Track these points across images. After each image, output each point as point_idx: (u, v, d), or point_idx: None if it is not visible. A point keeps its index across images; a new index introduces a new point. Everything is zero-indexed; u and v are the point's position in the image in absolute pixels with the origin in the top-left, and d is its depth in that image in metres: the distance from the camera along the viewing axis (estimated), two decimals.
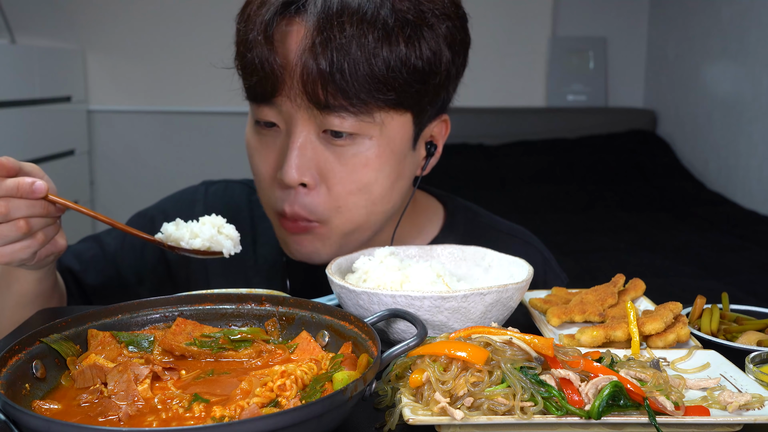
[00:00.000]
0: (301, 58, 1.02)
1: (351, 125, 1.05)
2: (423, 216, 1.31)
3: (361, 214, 1.12)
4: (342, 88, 1.01)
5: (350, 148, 1.07)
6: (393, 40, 1.02)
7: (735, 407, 0.75)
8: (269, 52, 1.03)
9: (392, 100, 1.05)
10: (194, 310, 0.89)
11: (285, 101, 1.06)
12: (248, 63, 1.06)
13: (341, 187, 1.09)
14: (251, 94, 1.09)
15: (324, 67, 1.00)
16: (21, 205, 0.93)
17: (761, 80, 3.54)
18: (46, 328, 0.79)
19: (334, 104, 1.03)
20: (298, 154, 1.06)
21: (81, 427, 0.64)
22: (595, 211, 3.72)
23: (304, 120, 1.06)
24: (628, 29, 4.65)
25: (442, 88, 1.11)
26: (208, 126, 4.35)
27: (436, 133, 1.18)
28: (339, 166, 1.08)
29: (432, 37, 1.06)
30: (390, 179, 1.11)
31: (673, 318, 0.97)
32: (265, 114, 1.09)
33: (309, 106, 1.04)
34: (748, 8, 3.65)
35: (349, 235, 1.14)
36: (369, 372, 0.70)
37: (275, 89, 1.05)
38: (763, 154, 3.53)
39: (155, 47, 4.26)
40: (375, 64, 1.01)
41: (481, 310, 0.92)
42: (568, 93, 4.60)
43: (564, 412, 0.72)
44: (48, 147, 3.78)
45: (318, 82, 1.01)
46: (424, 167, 1.19)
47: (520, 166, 4.11)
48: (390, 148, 1.09)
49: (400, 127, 1.09)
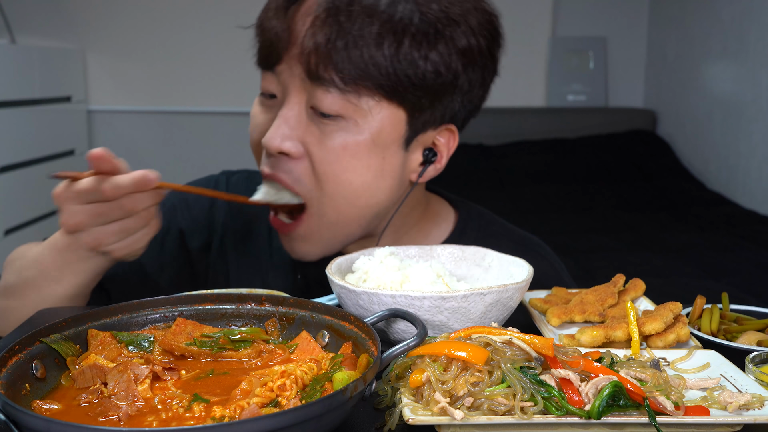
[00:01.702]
0: (307, 31, 1.06)
1: (336, 103, 1.07)
2: (431, 221, 1.30)
3: (343, 204, 1.13)
4: (334, 62, 1.05)
5: (333, 127, 1.09)
6: (398, 34, 1.04)
7: (735, 407, 0.75)
8: (282, 19, 1.09)
9: (382, 87, 1.06)
10: (194, 310, 0.89)
11: (284, 69, 1.10)
12: (262, 28, 1.12)
13: (321, 167, 1.10)
14: (259, 57, 1.14)
15: (321, 40, 1.05)
16: (144, 198, 1.01)
17: (761, 80, 3.54)
18: (46, 328, 0.79)
19: (324, 77, 1.06)
20: (282, 122, 1.10)
21: (81, 427, 0.64)
22: (595, 211, 3.72)
23: (297, 90, 1.10)
24: (628, 29, 4.66)
25: (446, 95, 1.11)
26: (208, 126, 4.35)
27: (439, 142, 1.18)
28: (320, 144, 1.10)
29: (446, 46, 1.08)
30: (370, 171, 1.11)
31: (673, 318, 0.97)
32: (268, 82, 1.14)
33: (303, 76, 1.08)
34: (748, 8, 3.66)
35: (334, 226, 1.15)
36: (369, 372, 0.70)
37: (279, 55, 1.10)
38: (763, 154, 3.53)
39: (155, 47, 4.26)
40: (372, 50, 1.04)
41: (481, 310, 0.92)
42: (568, 93, 4.60)
43: (564, 412, 0.72)
44: (48, 147, 3.78)
45: (313, 53, 1.05)
46: (421, 174, 1.18)
47: (520, 166, 4.12)
48: (372, 138, 1.10)
49: (388, 121, 1.10)
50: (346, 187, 1.11)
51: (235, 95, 4.27)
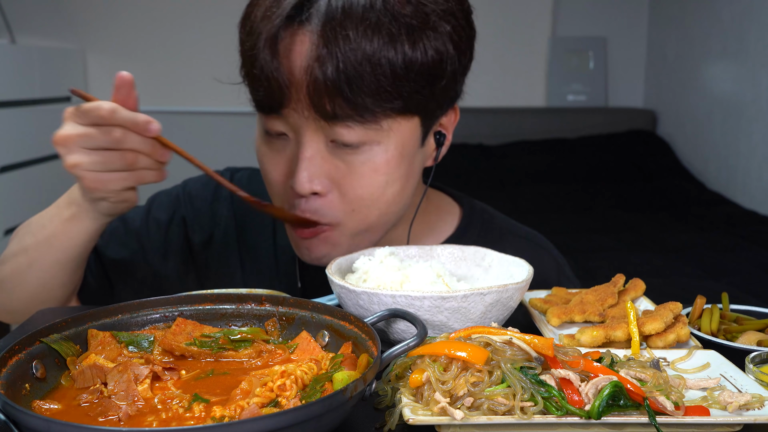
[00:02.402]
0: (307, 70, 1.02)
1: (358, 135, 1.05)
2: (435, 215, 1.31)
3: (374, 216, 1.13)
4: (348, 99, 1.02)
5: (359, 156, 1.08)
6: (398, 45, 1.02)
7: (735, 407, 0.75)
8: (275, 65, 1.03)
9: (399, 108, 1.05)
10: (194, 310, 0.89)
11: (292, 113, 1.06)
12: (254, 76, 1.07)
13: (353, 192, 1.09)
14: (259, 105, 1.10)
15: (330, 78, 1.00)
16: (135, 139, 0.97)
17: (761, 80, 3.54)
18: (46, 328, 0.79)
19: (341, 114, 1.03)
20: (308, 165, 1.07)
21: (81, 427, 0.64)
22: (595, 211, 3.72)
23: (312, 131, 1.07)
24: (628, 29, 4.66)
25: (450, 89, 1.12)
26: (208, 126, 4.35)
27: (444, 122, 1.19)
28: (349, 174, 1.09)
29: (436, 38, 1.05)
30: (401, 182, 1.12)
31: (673, 318, 0.97)
32: (274, 125, 1.10)
33: (316, 117, 1.04)
34: (748, 8, 3.65)
35: (360, 235, 1.14)
36: (369, 372, 0.70)
37: (282, 102, 1.06)
38: (763, 154, 3.53)
39: (155, 47, 4.26)
40: (381, 73, 1.01)
41: (481, 310, 0.92)
42: (568, 93, 4.60)
43: (564, 412, 0.72)
44: (48, 147, 3.75)
45: (324, 94, 1.02)
46: (436, 157, 1.20)
47: (520, 166, 4.11)
48: (399, 152, 1.10)
49: (408, 131, 1.10)
50: (380, 202, 1.11)
51: (235, 95, 4.25)
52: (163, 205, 1.33)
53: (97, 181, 0.98)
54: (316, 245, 1.14)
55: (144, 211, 1.31)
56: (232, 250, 1.32)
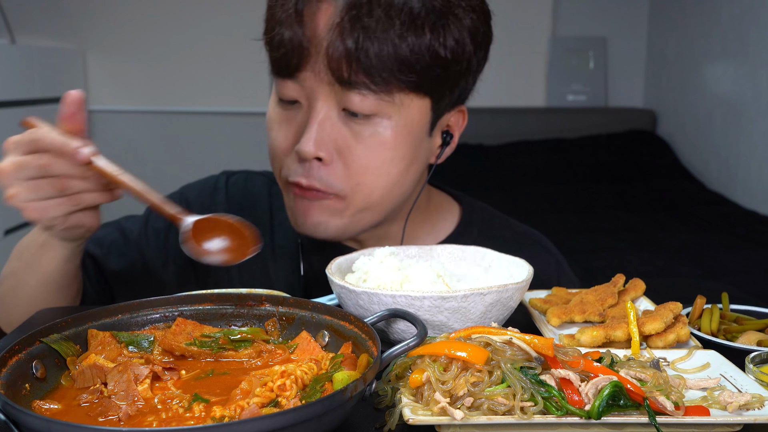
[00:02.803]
0: (328, 34, 1.05)
1: (370, 104, 1.08)
2: (436, 213, 1.33)
3: (378, 195, 1.14)
4: (366, 66, 1.05)
5: (368, 127, 1.10)
6: (419, 26, 1.05)
7: (735, 407, 0.75)
8: (299, 27, 1.07)
9: (413, 82, 1.08)
10: (194, 310, 0.89)
11: (309, 76, 1.09)
12: (277, 37, 1.09)
13: (358, 164, 1.11)
14: (277, 67, 1.12)
15: (350, 45, 1.04)
16: (63, 165, 0.94)
17: (761, 80, 3.54)
18: (46, 328, 0.79)
19: (356, 81, 1.06)
20: (317, 129, 1.09)
21: (81, 427, 0.64)
22: (595, 211, 3.72)
23: (326, 95, 1.09)
24: (628, 29, 4.66)
25: (462, 78, 1.14)
26: (208, 126, 4.35)
27: (452, 122, 1.21)
28: (356, 144, 1.11)
29: (457, 28, 1.09)
30: (405, 161, 1.14)
31: (673, 318, 0.97)
32: (289, 89, 1.12)
33: (332, 81, 1.07)
34: (748, 8, 3.66)
35: (362, 212, 1.15)
36: (369, 372, 0.70)
37: (300, 63, 1.08)
38: (763, 154, 3.53)
39: (155, 47, 4.26)
40: (399, 47, 1.05)
41: (481, 310, 0.92)
42: (568, 93, 4.60)
43: (564, 412, 0.72)
44: None
45: (343, 59, 1.05)
46: (439, 156, 1.21)
47: (520, 166, 4.12)
48: (407, 129, 1.12)
49: (417, 111, 1.12)
50: (384, 179, 1.13)
51: (236, 95, 4.27)
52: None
53: (35, 210, 0.96)
54: (315, 211, 1.15)
55: (142, 221, 1.32)
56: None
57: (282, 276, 1.29)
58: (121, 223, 1.33)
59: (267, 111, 1.20)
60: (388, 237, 1.26)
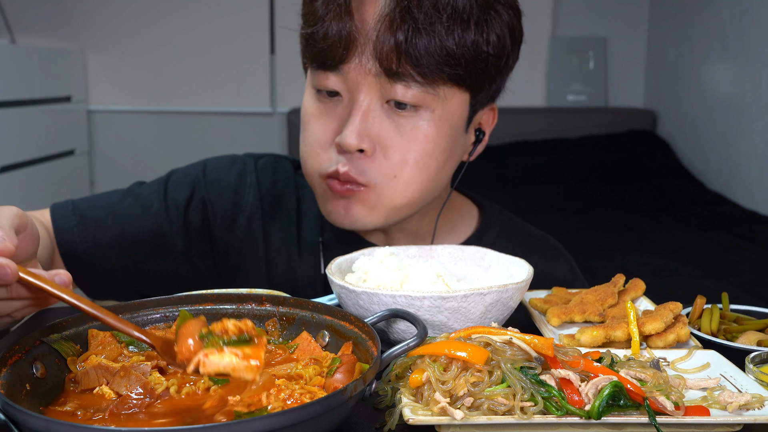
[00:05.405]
0: (376, 26, 1.06)
1: (415, 95, 1.09)
2: (456, 214, 1.33)
3: (416, 189, 1.14)
4: (414, 59, 1.06)
5: (411, 119, 1.11)
6: (465, 21, 1.07)
7: (735, 407, 0.75)
8: (348, 18, 1.07)
9: (459, 75, 1.09)
10: (194, 310, 0.89)
11: (353, 68, 1.09)
12: (322, 29, 1.09)
13: (398, 156, 1.11)
14: (321, 59, 1.12)
15: (400, 37, 1.05)
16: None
17: (761, 80, 3.54)
18: (46, 328, 0.79)
19: (403, 73, 1.07)
20: (360, 120, 1.10)
21: (81, 427, 0.64)
22: (595, 211, 3.72)
23: (370, 87, 1.10)
24: (628, 29, 4.65)
25: (500, 74, 1.16)
26: (208, 126, 4.35)
27: (484, 120, 1.23)
28: (398, 137, 1.11)
29: (498, 23, 1.11)
30: (445, 155, 1.15)
31: (673, 318, 0.97)
32: (330, 81, 1.12)
33: (378, 72, 1.08)
34: (748, 8, 3.65)
35: (400, 209, 1.16)
36: (369, 372, 0.70)
37: (346, 55, 1.09)
38: (763, 154, 3.53)
39: (155, 47, 4.26)
40: (446, 40, 1.06)
41: (481, 310, 0.92)
42: (568, 93, 4.59)
43: (564, 412, 0.72)
44: (48, 147, 3.78)
45: (393, 51, 1.06)
46: (471, 153, 1.23)
47: (520, 166, 4.11)
48: (448, 123, 1.13)
49: (458, 105, 1.13)
50: (422, 173, 1.13)
51: (236, 95, 4.27)
52: (180, 185, 1.30)
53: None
54: (353, 205, 1.14)
55: (161, 194, 1.28)
56: (256, 239, 1.30)
57: (305, 270, 1.28)
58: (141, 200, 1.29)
59: (302, 105, 1.19)
60: (419, 235, 1.26)
